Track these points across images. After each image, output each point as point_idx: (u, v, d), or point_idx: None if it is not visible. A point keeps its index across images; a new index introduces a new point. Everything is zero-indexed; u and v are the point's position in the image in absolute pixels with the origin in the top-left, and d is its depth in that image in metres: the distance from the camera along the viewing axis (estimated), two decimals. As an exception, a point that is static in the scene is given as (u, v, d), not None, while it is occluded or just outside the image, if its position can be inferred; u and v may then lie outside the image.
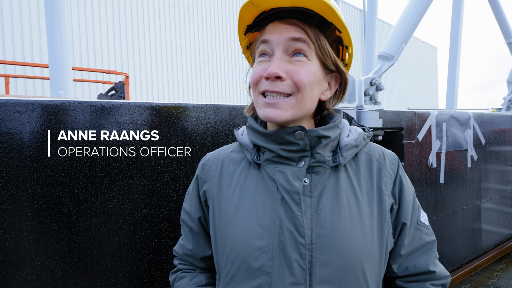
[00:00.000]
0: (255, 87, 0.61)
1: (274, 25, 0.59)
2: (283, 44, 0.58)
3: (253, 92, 0.63)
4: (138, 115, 1.13)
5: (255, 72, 0.60)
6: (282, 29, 0.58)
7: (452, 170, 2.35)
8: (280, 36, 0.58)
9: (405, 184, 0.67)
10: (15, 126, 0.93)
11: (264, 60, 0.60)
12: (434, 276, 0.65)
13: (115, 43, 7.88)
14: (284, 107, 0.58)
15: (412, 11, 2.12)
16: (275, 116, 0.58)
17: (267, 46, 0.59)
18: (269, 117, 0.58)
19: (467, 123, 2.46)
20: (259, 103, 0.61)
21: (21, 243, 0.93)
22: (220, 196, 0.67)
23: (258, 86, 0.60)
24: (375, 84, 1.89)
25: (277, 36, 0.58)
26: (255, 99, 0.62)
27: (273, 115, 0.58)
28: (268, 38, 0.59)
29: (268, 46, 0.59)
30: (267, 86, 0.58)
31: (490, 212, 2.74)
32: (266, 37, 0.59)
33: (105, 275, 1.06)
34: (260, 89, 0.60)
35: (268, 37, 0.59)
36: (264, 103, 0.59)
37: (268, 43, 0.59)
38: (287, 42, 0.58)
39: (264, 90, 0.59)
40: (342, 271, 0.56)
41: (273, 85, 0.57)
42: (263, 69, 0.59)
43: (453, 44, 3.41)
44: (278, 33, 0.58)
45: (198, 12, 9.54)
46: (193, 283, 0.72)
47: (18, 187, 0.93)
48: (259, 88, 0.60)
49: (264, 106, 0.59)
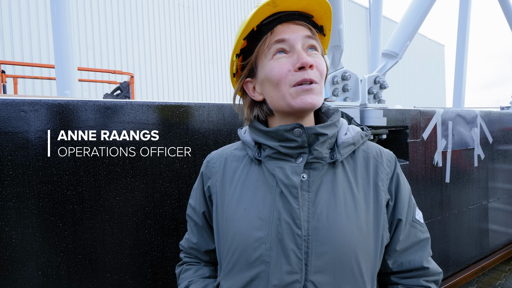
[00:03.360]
0: (283, 82, 0.62)
1: (285, 26, 0.64)
2: (301, 41, 0.63)
3: (278, 88, 0.63)
4: (141, 114, 1.14)
5: (281, 66, 0.62)
6: (296, 29, 0.63)
7: (458, 169, 2.32)
8: (297, 34, 0.63)
9: (402, 181, 0.69)
10: (21, 125, 0.95)
11: (282, 56, 0.63)
12: (428, 273, 0.68)
13: (121, 43, 7.95)
14: (317, 93, 0.63)
15: (417, 8, 2.10)
16: (315, 102, 0.62)
17: (284, 44, 0.63)
18: (309, 103, 0.61)
19: (473, 122, 2.42)
20: (291, 94, 0.62)
21: (27, 240, 0.95)
22: (223, 191, 0.70)
23: (289, 79, 0.62)
24: (379, 82, 1.87)
25: (294, 35, 0.63)
26: (283, 93, 0.63)
27: (313, 100, 0.61)
28: (285, 37, 0.63)
29: (286, 44, 0.63)
30: (304, 75, 0.61)
31: (498, 212, 2.70)
32: (282, 36, 0.63)
33: (108, 272, 1.07)
34: (294, 80, 0.61)
35: (285, 36, 0.63)
36: (302, 90, 0.61)
37: (285, 41, 0.63)
38: (303, 39, 0.63)
39: (303, 80, 0.61)
40: (337, 262, 0.59)
41: (308, 74, 0.61)
42: (288, 62, 0.62)
43: (460, 42, 3.36)
44: (293, 32, 0.63)
45: (203, 12, 9.57)
46: (198, 275, 0.77)
47: (24, 185, 0.95)
48: (290, 81, 0.61)
49: (302, 93, 0.61)
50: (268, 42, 0.64)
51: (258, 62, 0.67)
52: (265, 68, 0.64)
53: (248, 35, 0.65)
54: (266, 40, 0.64)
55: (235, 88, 0.73)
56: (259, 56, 0.66)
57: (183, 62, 9.11)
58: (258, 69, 0.67)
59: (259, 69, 0.67)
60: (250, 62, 0.68)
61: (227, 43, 10.11)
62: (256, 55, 0.66)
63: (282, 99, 0.63)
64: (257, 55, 0.66)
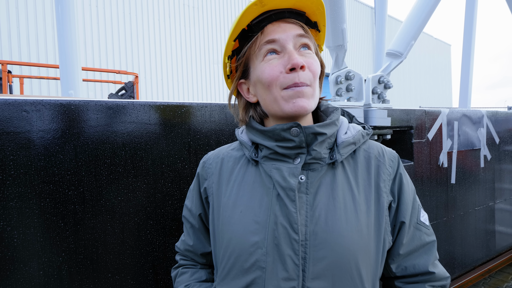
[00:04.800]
0: (274, 84, 0.60)
1: (276, 25, 0.61)
2: (292, 40, 0.60)
3: (269, 90, 0.61)
4: (143, 114, 1.14)
5: (272, 68, 0.60)
6: (287, 28, 0.60)
7: (464, 170, 2.29)
8: (288, 33, 0.60)
9: (405, 182, 0.66)
10: (23, 125, 0.95)
11: (273, 57, 0.60)
12: (434, 277, 0.65)
13: (126, 43, 7.99)
14: (308, 96, 0.60)
15: (422, 7, 2.07)
16: (306, 105, 0.59)
17: (275, 44, 0.60)
18: (301, 106, 0.59)
19: (480, 122, 2.38)
20: (283, 97, 0.60)
21: (28, 239, 0.95)
22: (219, 193, 0.68)
23: (280, 82, 0.59)
24: (383, 82, 1.85)
25: (285, 34, 0.60)
26: (275, 96, 0.60)
27: (305, 104, 0.59)
28: (275, 37, 0.60)
29: (277, 44, 0.60)
30: (295, 78, 0.58)
31: (505, 213, 2.66)
32: (272, 36, 0.60)
33: (110, 272, 1.07)
34: (285, 83, 0.59)
35: (275, 36, 0.60)
36: (293, 93, 0.59)
37: (276, 41, 0.60)
38: (295, 38, 0.60)
39: (294, 83, 0.58)
40: (336, 268, 0.56)
41: (299, 77, 0.58)
42: (279, 64, 0.59)
43: (467, 41, 3.32)
44: (284, 31, 0.60)
45: (208, 12, 9.58)
46: (194, 279, 0.74)
47: (26, 184, 0.95)
48: (282, 83, 0.59)
49: (294, 96, 0.59)
50: (258, 43, 0.61)
51: (250, 63, 0.65)
52: (256, 69, 0.63)
53: (239, 35, 0.63)
54: (256, 40, 0.62)
55: (230, 90, 0.72)
56: (250, 57, 0.64)
57: (188, 62, 9.13)
58: (251, 71, 0.65)
59: (251, 71, 0.65)
60: (242, 63, 0.66)
61: (231, 43, 10.10)
62: (248, 56, 0.64)
63: (275, 102, 0.61)
64: (248, 56, 0.64)
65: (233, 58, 0.68)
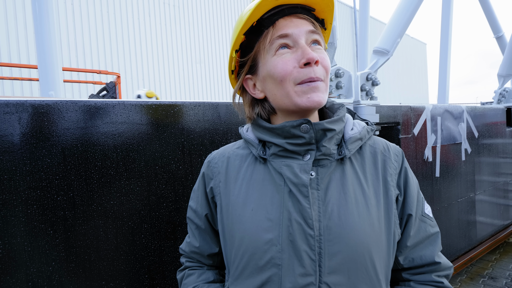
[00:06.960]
0: (287, 79, 0.59)
1: (288, 20, 0.61)
2: (304, 36, 0.60)
3: (281, 85, 0.61)
4: (133, 114, 1.10)
5: (285, 63, 0.59)
6: (299, 23, 0.61)
7: (447, 164, 2.37)
8: (300, 29, 0.60)
9: (410, 176, 0.68)
10: (5, 128, 0.89)
11: (286, 52, 0.60)
12: (439, 267, 0.67)
13: (105, 43, 7.74)
14: (322, 91, 0.60)
15: (407, 5, 2.12)
16: (321, 99, 0.59)
17: (287, 39, 0.60)
18: (316, 101, 0.59)
19: (460, 117, 2.48)
20: (296, 92, 0.59)
21: (14, 249, 0.90)
22: (227, 191, 0.67)
23: (294, 77, 0.59)
24: (371, 79, 1.88)
25: (297, 29, 0.60)
26: (288, 91, 0.60)
27: (320, 99, 0.59)
28: (287, 32, 0.60)
29: (289, 39, 0.60)
30: (311, 73, 0.58)
31: (484, 204, 2.78)
32: (285, 31, 0.60)
33: (103, 279, 1.03)
34: (299, 78, 0.59)
35: (288, 31, 0.60)
36: (309, 88, 0.59)
37: (288, 36, 0.60)
38: (307, 34, 0.60)
39: (309, 78, 0.58)
40: (351, 261, 0.57)
41: (315, 71, 0.58)
42: (292, 58, 0.59)
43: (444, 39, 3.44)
44: (297, 26, 0.60)
45: (189, 11, 9.44)
46: (201, 280, 0.73)
47: (10, 191, 0.89)
48: (295, 78, 0.59)
49: (308, 91, 0.59)
50: (270, 37, 0.61)
51: (258, 58, 0.64)
52: (267, 64, 0.61)
53: (247, 30, 0.62)
54: (267, 34, 0.61)
55: (235, 86, 0.70)
56: (259, 52, 0.63)
57: (170, 61, 8.97)
58: (259, 66, 0.64)
59: (260, 66, 0.64)
60: (250, 58, 0.65)
61: (214, 42, 10.02)
62: (257, 51, 0.63)
63: (287, 97, 0.60)
64: (257, 51, 0.63)
65: (238, 53, 0.66)
